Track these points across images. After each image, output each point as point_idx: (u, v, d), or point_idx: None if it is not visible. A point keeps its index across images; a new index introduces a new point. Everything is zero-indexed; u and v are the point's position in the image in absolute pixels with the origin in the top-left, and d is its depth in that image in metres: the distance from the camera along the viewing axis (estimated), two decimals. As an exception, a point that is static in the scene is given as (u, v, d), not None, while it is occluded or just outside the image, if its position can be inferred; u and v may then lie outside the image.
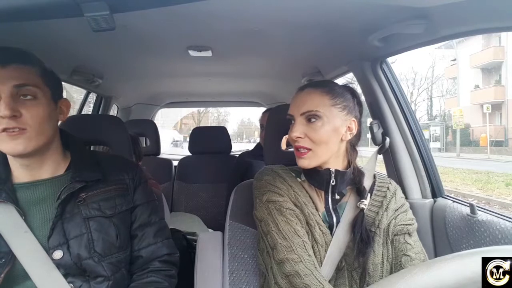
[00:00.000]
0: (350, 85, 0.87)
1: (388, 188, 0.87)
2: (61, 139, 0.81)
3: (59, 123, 0.81)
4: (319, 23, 1.01)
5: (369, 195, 0.85)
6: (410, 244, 0.79)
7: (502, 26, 0.77)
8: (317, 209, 0.82)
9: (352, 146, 0.85)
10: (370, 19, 0.93)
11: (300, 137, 0.79)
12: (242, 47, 1.37)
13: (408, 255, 0.78)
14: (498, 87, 16.27)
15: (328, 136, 0.79)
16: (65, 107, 0.80)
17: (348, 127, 0.82)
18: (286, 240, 0.75)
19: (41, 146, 0.72)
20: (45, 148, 0.75)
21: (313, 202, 0.83)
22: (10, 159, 0.76)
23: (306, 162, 0.79)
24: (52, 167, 0.77)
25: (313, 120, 0.79)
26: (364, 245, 0.77)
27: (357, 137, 0.86)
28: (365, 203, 0.81)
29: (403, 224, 0.81)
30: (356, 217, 0.80)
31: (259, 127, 1.99)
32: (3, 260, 0.70)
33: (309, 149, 0.79)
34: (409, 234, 0.81)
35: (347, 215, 0.82)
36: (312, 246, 0.78)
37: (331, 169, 0.81)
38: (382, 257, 0.80)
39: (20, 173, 0.76)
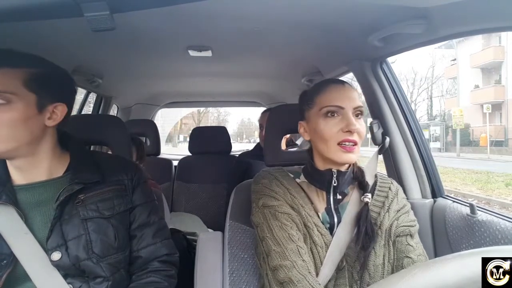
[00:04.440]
0: None
1: (389, 189, 0.87)
2: (61, 140, 0.81)
3: (52, 125, 0.75)
4: (319, 23, 1.01)
5: (370, 194, 0.85)
6: (412, 246, 0.79)
7: (502, 26, 0.77)
8: (316, 210, 0.82)
9: None
10: (370, 19, 0.93)
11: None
12: (242, 47, 1.37)
13: (410, 257, 0.78)
14: (498, 87, 16.26)
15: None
16: (59, 112, 0.75)
17: None
18: (280, 246, 0.74)
19: (11, 151, 0.70)
20: (28, 152, 0.73)
21: (311, 204, 0.82)
22: (8, 162, 0.75)
23: (354, 156, 0.77)
24: (47, 169, 0.76)
25: (360, 116, 0.79)
26: (368, 239, 0.77)
27: None
28: (369, 197, 0.80)
29: (405, 226, 0.81)
30: (360, 211, 0.80)
31: (258, 127, 1.99)
32: (4, 262, 0.70)
33: (356, 144, 0.77)
34: (411, 236, 0.81)
35: (349, 213, 0.81)
36: (311, 248, 0.78)
37: (333, 170, 0.81)
38: (383, 258, 0.79)
39: (16, 176, 0.75)
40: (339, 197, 0.83)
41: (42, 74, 0.72)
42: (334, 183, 0.81)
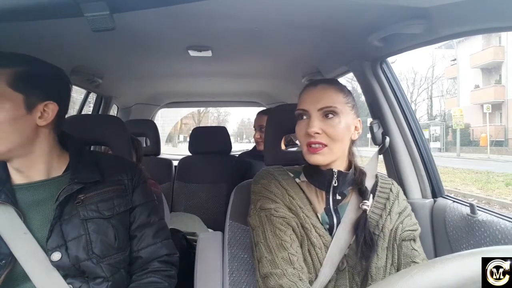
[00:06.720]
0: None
1: (391, 190, 0.86)
2: (61, 140, 0.81)
3: (44, 124, 0.73)
4: (319, 23, 1.01)
5: (371, 196, 0.84)
6: (417, 251, 0.79)
7: (502, 26, 0.77)
8: (315, 211, 0.81)
9: (352, 147, 0.85)
10: (370, 19, 0.93)
11: (318, 133, 0.77)
12: (242, 47, 1.37)
13: (416, 263, 0.77)
14: (498, 87, 16.27)
15: (343, 133, 0.79)
16: (50, 110, 0.73)
17: (356, 126, 0.82)
18: (271, 254, 0.74)
19: (4, 153, 0.70)
20: (23, 153, 0.72)
21: (310, 204, 0.82)
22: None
23: (322, 158, 0.78)
24: (44, 169, 0.76)
25: (330, 116, 0.78)
26: (368, 248, 0.76)
27: (357, 139, 0.86)
28: (368, 204, 0.80)
29: (410, 230, 0.80)
30: (358, 219, 0.79)
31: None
32: (3, 261, 0.70)
33: (325, 145, 0.77)
34: (415, 240, 0.80)
35: (348, 215, 0.81)
36: (309, 250, 0.77)
37: (334, 170, 0.80)
38: (386, 261, 0.78)
39: (15, 175, 0.75)
40: (338, 197, 0.83)
41: (29, 73, 0.71)
42: (335, 183, 0.81)
